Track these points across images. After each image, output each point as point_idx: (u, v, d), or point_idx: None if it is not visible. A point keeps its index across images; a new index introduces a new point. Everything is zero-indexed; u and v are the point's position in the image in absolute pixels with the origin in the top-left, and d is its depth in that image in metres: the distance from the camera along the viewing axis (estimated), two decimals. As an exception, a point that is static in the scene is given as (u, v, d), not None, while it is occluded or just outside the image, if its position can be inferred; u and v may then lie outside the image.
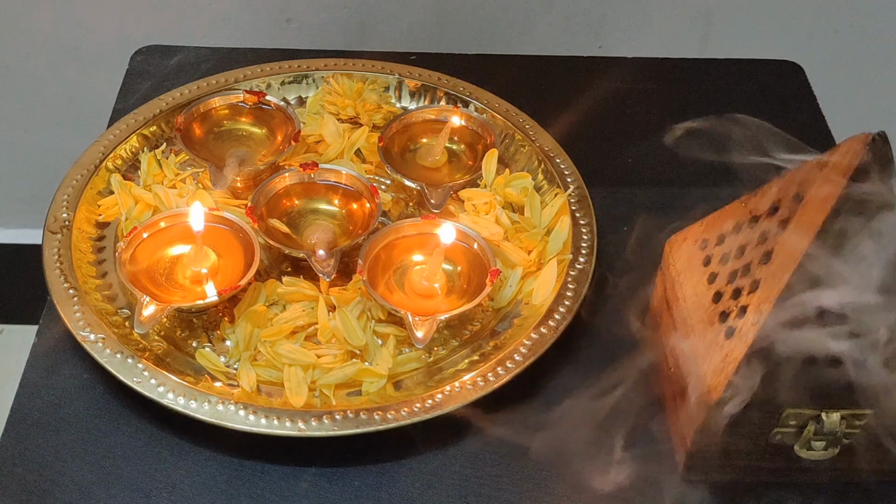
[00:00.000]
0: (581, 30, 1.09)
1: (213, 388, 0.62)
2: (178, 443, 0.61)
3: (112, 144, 0.76)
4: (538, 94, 0.86)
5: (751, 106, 0.88)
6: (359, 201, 0.73)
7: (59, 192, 0.72)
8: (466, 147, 0.79)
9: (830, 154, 0.51)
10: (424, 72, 0.84)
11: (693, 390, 0.57)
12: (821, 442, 0.57)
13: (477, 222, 0.71)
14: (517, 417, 0.63)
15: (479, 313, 0.68)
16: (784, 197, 0.54)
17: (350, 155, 0.77)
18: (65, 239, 0.69)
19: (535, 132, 0.79)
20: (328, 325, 0.65)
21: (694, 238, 0.61)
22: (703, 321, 0.58)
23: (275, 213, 0.72)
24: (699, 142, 0.84)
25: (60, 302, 0.65)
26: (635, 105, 0.87)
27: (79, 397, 0.63)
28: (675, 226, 0.65)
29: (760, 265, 0.54)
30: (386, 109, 0.82)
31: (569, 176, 0.75)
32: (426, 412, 0.60)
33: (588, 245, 0.71)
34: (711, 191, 0.78)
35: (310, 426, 0.59)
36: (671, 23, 1.09)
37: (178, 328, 0.67)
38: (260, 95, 0.78)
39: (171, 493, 0.59)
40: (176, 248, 0.69)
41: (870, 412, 0.55)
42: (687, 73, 0.91)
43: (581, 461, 0.61)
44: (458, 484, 0.60)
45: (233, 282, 0.66)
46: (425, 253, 0.69)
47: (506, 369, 0.63)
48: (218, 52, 0.88)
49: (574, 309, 0.66)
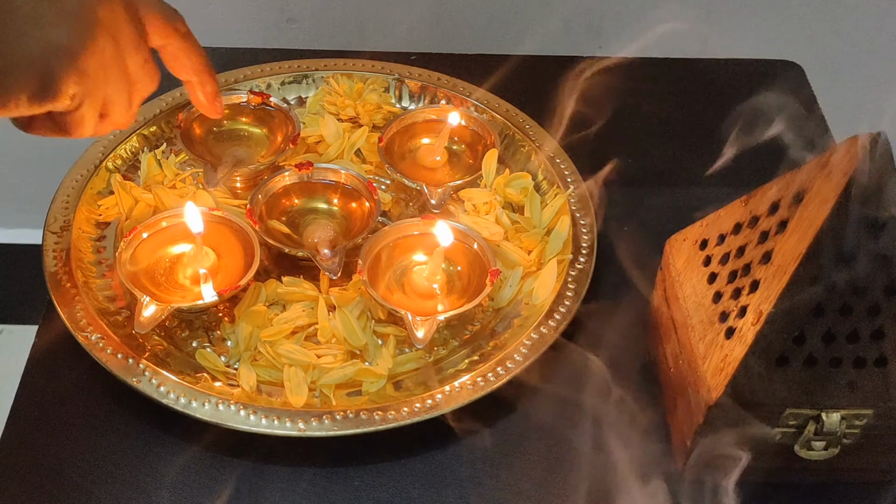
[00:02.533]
0: (581, 30, 1.09)
1: (213, 388, 0.62)
2: (178, 443, 0.61)
3: (112, 144, 0.76)
4: (538, 94, 0.86)
5: (751, 106, 0.88)
6: (358, 200, 0.73)
7: (59, 192, 0.72)
8: (466, 147, 0.79)
9: (830, 154, 0.51)
10: (424, 72, 0.84)
11: (693, 390, 0.57)
12: (821, 442, 0.57)
13: (477, 222, 0.71)
14: (517, 417, 0.63)
15: (479, 313, 0.68)
16: (784, 197, 0.54)
17: (350, 155, 0.77)
18: (65, 239, 0.69)
19: (535, 132, 0.79)
20: (328, 325, 0.65)
21: (694, 238, 0.61)
22: (703, 321, 0.58)
23: (274, 213, 0.72)
24: (699, 141, 0.84)
25: (60, 302, 0.65)
26: (635, 105, 0.87)
27: (79, 397, 0.63)
28: (674, 226, 0.65)
29: (760, 265, 0.54)
30: (386, 109, 0.82)
31: (569, 176, 0.75)
32: (426, 412, 0.60)
33: (588, 245, 0.71)
34: (711, 191, 0.79)
35: (310, 426, 0.59)
36: (671, 23, 1.09)
37: (178, 328, 0.67)
38: (264, 97, 0.78)
39: (171, 493, 0.59)
40: (176, 248, 0.69)
41: (870, 412, 0.55)
42: (687, 73, 0.91)
43: (581, 461, 0.61)
44: (458, 484, 0.60)
45: (233, 282, 0.66)
46: (425, 253, 0.69)
47: (506, 369, 0.63)
48: (218, 52, 0.88)
49: (574, 309, 0.66)
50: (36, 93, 0.50)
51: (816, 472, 0.59)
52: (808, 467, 0.59)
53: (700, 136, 0.85)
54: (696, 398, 0.57)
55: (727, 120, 0.86)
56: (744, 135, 0.85)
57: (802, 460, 0.58)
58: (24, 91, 0.49)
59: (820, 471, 0.59)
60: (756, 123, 0.86)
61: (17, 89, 0.49)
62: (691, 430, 0.57)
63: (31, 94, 0.50)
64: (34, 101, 0.50)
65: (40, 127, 0.55)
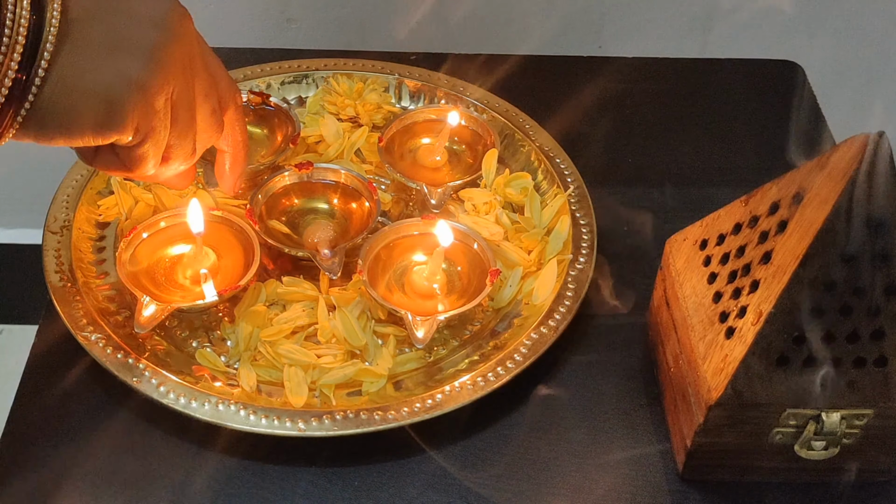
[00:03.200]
0: (581, 30, 1.09)
1: (213, 388, 0.62)
2: (178, 443, 0.61)
3: (112, 144, 0.76)
4: (538, 94, 0.86)
5: (751, 106, 0.88)
6: (358, 200, 0.73)
7: (59, 192, 0.72)
8: (466, 147, 0.79)
9: (830, 154, 0.51)
10: (424, 72, 0.84)
11: (693, 390, 0.57)
12: (821, 442, 0.57)
13: (477, 222, 0.71)
14: (517, 417, 0.63)
15: (479, 313, 0.68)
16: (784, 197, 0.54)
17: (350, 155, 0.77)
18: (65, 239, 0.69)
19: (535, 132, 0.79)
20: (328, 325, 0.65)
21: (694, 238, 0.61)
22: (702, 321, 0.58)
23: (274, 213, 0.72)
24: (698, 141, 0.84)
25: (60, 302, 0.65)
26: (635, 105, 0.87)
27: (79, 397, 0.63)
28: (674, 226, 0.65)
29: (760, 265, 0.54)
30: (386, 109, 0.82)
31: (569, 176, 0.75)
32: (426, 412, 0.60)
33: (588, 245, 0.71)
34: (711, 191, 0.79)
35: (310, 426, 0.59)
36: (671, 23, 1.09)
37: (178, 328, 0.67)
38: (264, 97, 0.78)
39: (171, 493, 0.59)
40: (176, 248, 0.69)
41: (870, 412, 0.55)
42: (687, 73, 0.91)
43: (581, 461, 0.61)
44: (458, 484, 0.60)
45: (233, 282, 0.66)
46: (425, 253, 0.69)
47: (506, 369, 0.63)
48: (218, 52, 0.88)
49: (574, 309, 0.66)
50: (102, 122, 0.50)
51: (816, 472, 0.59)
52: (808, 467, 0.59)
53: (700, 136, 0.85)
54: (696, 398, 0.57)
55: (727, 120, 0.86)
56: (744, 135, 0.85)
57: (802, 460, 0.58)
58: (90, 119, 0.49)
59: (820, 471, 0.59)
60: (756, 123, 0.86)
61: (85, 118, 0.49)
62: (691, 430, 0.57)
63: (96, 123, 0.50)
64: (99, 131, 0.50)
65: (104, 160, 0.55)
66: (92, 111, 0.49)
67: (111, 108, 0.50)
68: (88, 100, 0.49)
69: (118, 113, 0.50)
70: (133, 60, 0.50)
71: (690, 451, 0.58)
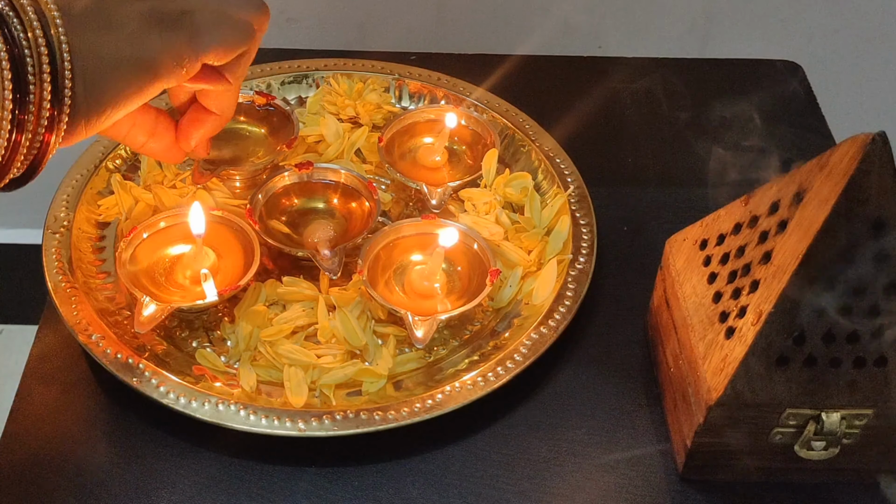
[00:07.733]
0: (581, 30, 1.09)
1: (213, 388, 0.62)
2: (178, 443, 0.61)
3: (112, 144, 0.76)
4: (538, 94, 0.86)
5: (751, 106, 0.88)
6: (358, 200, 0.73)
7: (59, 192, 0.72)
8: (466, 147, 0.79)
9: (830, 154, 0.51)
10: (424, 72, 0.84)
11: (693, 390, 0.57)
12: (821, 442, 0.57)
13: (477, 222, 0.71)
14: (517, 417, 0.63)
15: (479, 313, 0.68)
16: (784, 197, 0.54)
17: (350, 155, 0.77)
18: (65, 239, 0.69)
19: (535, 132, 0.79)
20: (328, 325, 0.65)
21: (694, 238, 0.61)
22: (702, 321, 0.58)
23: (274, 213, 0.72)
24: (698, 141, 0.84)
25: (60, 302, 0.65)
26: (635, 105, 0.87)
27: (79, 397, 0.63)
28: (674, 226, 0.65)
29: (760, 265, 0.54)
30: (386, 109, 0.82)
31: (569, 176, 0.75)
32: (426, 412, 0.60)
33: (588, 245, 0.71)
34: (711, 191, 0.79)
35: (310, 426, 0.59)
36: (671, 23, 1.09)
37: (178, 328, 0.67)
38: (269, 98, 0.77)
39: (171, 493, 0.59)
40: (176, 248, 0.69)
41: (870, 412, 0.55)
42: (687, 73, 0.91)
43: (581, 461, 0.61)
44: (458, 484, 0.60)
45: (233, 282, 0.66)
46: (425, 253, 0.69)
47: (506, 369, 0.63)
48: (218, 52, 0.88)
49: (574, 309, 0.66)
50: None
51: (816, 472, 0.59)
52: (808, 467, 0.59)
53: (700, 136, 0.85)
54: (696, 398, 0.57)
55: (727, 120, 0.86)
56: (744, 134, 0.85)
57: (802, 460, 0.58)
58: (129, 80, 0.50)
59: (820, 471, 0.59)
60: (756, 123, 0.86)
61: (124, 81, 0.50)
62: (691, 430, 0.57)
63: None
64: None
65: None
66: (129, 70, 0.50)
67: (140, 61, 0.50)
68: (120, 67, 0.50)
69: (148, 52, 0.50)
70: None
71: (690, 451, 0.58)
